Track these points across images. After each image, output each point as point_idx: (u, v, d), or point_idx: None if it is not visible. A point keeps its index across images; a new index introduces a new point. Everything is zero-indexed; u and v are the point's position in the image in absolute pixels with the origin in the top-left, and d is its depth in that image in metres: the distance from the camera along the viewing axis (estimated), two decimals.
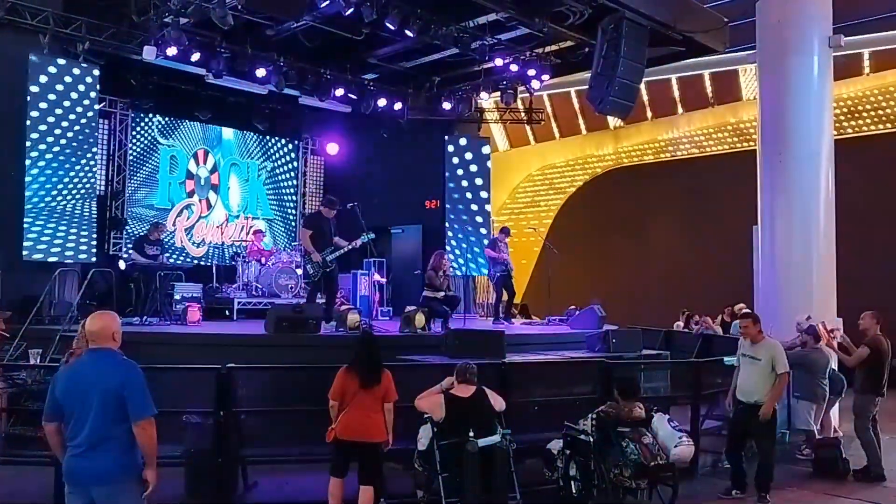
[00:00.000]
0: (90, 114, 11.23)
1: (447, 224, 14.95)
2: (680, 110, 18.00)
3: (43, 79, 10.69)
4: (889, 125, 14.95)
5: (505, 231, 12.72)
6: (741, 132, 16.83)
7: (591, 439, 6.16)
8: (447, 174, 15.39)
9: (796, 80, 10.93)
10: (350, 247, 10.43)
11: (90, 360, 4.00)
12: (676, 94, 17.79)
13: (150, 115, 14.43)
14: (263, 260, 13.29)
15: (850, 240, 11.97)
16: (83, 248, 11.05)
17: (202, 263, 14.49)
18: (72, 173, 10.96)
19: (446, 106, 14.77)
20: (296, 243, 15.77)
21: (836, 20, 11.32)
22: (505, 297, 12.38)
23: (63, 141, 10.87)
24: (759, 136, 11.63)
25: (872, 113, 15.10)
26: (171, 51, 11.01)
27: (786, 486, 7.56)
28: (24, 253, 10.41)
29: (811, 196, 10.83)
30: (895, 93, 14.86)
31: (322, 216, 10.45)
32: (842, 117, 14.76)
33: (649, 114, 18.31)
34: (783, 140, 10.96)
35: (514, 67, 13.09)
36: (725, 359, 8.95)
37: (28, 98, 10.55)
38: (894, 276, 14.14)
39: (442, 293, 10.76)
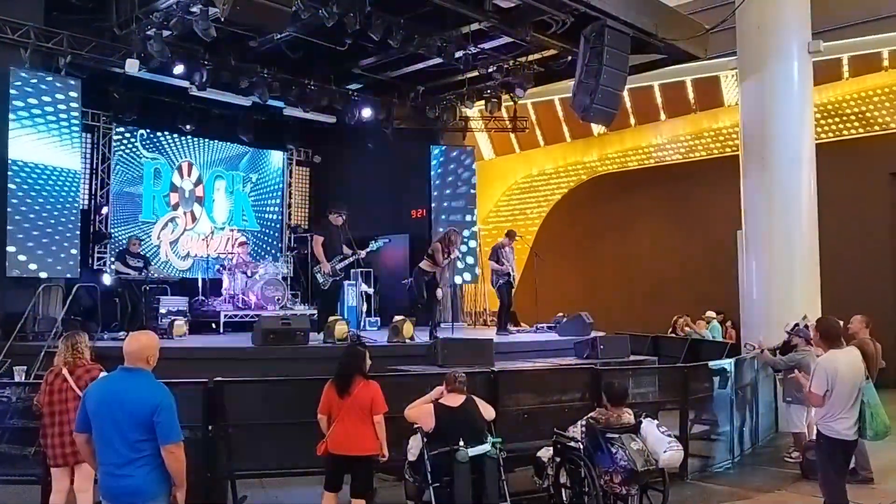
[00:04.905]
0: (72, 127, 11.16)
1: (434, 233, 14.94)
2: (663, 117, 18.12)
3: (24, 93, 10.61)
4: (869, 129, 15.13)
5: (510, 235, 12.30)
6: (724, 138, 16.97)
7: (581, 446, 6.17)
8: (433, 183, 15.42)
9: (777, 85, 11.07)
10: (357, 256, 10.41)
11: (122, 379, 4.04)
12: (659, 100, 17.92)
13: (134, 128, 14.35)
14: (250, 272, 13.24)
15: (833, 243, 12.09)
16: (67, 263, 10.94)
17: (188, 276, 14.40)
18: (54, 188, 10.87)
19: (431, 115, 14.79)
20: (281, 255, 15.74)
21: (815, 26, 11.48)
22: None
23: (45, 155, 10.78)
24: (741, 142, 11.75)
25: (853, 117, 15.27)
26: (154, 63, 10.97)
27: (774, 489, 7.62)
28: (8, 267, 10.30)
29: (794, 200, 10.96)
30: (874, 97, 15.03)
31: (331, 224, 10.44)
32: (822, 121, 14.91)
33: (633, 121, 18.42)
34: (765, 145, 11.08)
35: (497, 76, 13.16)
36: (711, 363, 9.03)
37: (9, 112, 10.46)
38: (877, 279, 14.29)
39: (434, 271, 10.63)
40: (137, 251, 11.91)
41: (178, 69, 11.59)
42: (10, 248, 10.35)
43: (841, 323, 7.04)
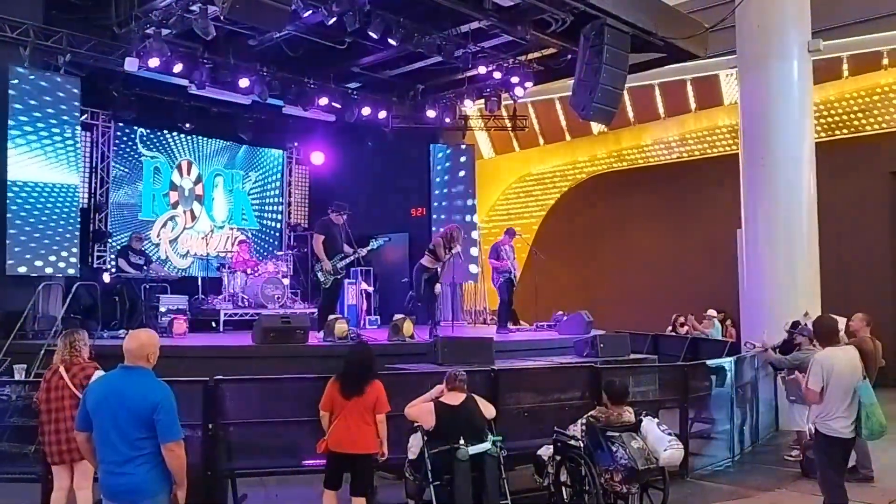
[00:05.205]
0: (72, 126, 11.15)
1: (433, 232, 14.94)
2: (663, 115, 18.11)
3: (24, 91, 10.60)
4: (869, 128, 15.12)
5: (510, 233, 12.33)
6: (723, 137, 16.96)
7: (582, 444, 6.17)
8: (432, 182, 15.42)
9: (776, 84, 11.06)
10: (357, 254, 10.40)
11: (122, 377, 4.03)
12: (659, 99, 17.91)
13: (133, 127, 14.34)
14: (249, 270, 13.24)
15: (833, 241, 12.09)
16: (67, 261, 10.94)
17: (187, 275, 14.40)
18: (54, 186, 10.87)
19: (430, 114, 14.79)
20: (280, 253, 15.74)
21: (815, 24, 11.47)
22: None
23: (45, 153, 10.78)
24: (741, 141, 11.75)
25: (853, 116, 15.27)
26: (154, 62, 10.95)
27: (774, 488, 7.62)
28: (8, 266, 10.30)
29: (794, 199, 10.95)
30: (874, 95, 15.03)
31: (332, 222, 10.43)
32: (822, 120, 14.91)
33: (632, 119, 18.40)
34: (765, 144, 11.08)
35: (497, 75, 13.16)
36: (711, 362, 9.04)
37: (9, 111, 10.45)
38: (877, 277, 14.29)
39: (436, 268, 10.62)
40: (140, 248, 11.91)
41: (178, 67, 11.57)
42: (10, 247, 10.35)
43: (844, 320, 7.05)
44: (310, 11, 10.06)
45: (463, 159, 15.76)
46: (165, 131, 14.83)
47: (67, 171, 11.06)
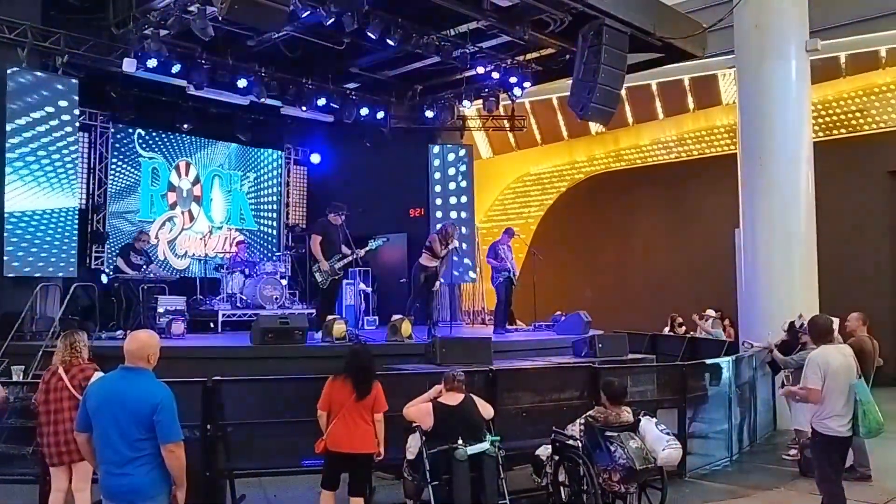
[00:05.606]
0: (70, 127, 11.12)
1: (432, 232, 14.93)
2: (661, 115, 18.11)
3: (21, 92, 10.58)
4: (867, 127, 15.14)
5: (509, 232, 12.34)
6: (721, 136, 16.97)
7: (580, 444, 6.18)
8: (431, 182, 15.40)
9: (775, 83, 11.08)
10: (356, 255, 10.39)
11: (122, 378, 4.03)
12: (657, 99, 17.92)
13: (131, 128, 14.33)
14: (247, 271, 13.23)
15: (831, 241, 12.11)
16: (65, 262, 10.93)
17: (186, 276, 14.39)
18: (52, 187, 10.86)
19: (429, 114, 14.79)
20: (278, 253, 15.72)
21: (813, 24, 11.49)
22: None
23: (43, 154, 10.76)
24: (738, 140, 11.77)
25: (850, 115, 15.28)
26: (152, 63, 10.95)
27: (772, 487, 7.63)
28: (7, 267, 10.28)
29: (792, 198, 10.98)
30: (872, 95, 15.04)
31: (330, 223, 10.43)
32: (820, 120, 14.92)
33: (631, 119, 18.41)
34: (763, 143, 11.10)
35: (495, 75, 13.15)
36: (709, 361, 9.05)
37: (6, 112, 10.42)
38: (875, 277, 14.31)
39: (435, 266, 10.64)
40: (142, 248, 11.88)
41: (176, 68, 11.57)
42: (8, 248, 10.34)
43: (837, 320, 7.05)
44: (308, 12, 10.05)
45: (461, 159, 15.75)
46: (163, 132, 14.82)
47: (65, 173, 11.01)
